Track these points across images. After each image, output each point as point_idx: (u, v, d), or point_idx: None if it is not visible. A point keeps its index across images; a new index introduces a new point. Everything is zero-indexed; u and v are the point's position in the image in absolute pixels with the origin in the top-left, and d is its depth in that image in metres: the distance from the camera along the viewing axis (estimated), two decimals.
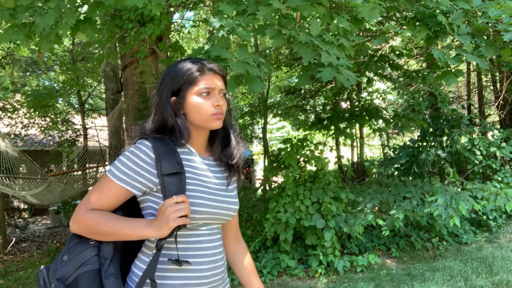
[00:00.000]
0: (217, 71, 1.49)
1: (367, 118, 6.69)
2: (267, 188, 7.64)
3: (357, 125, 9.51)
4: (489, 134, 8.00)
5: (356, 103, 7.87)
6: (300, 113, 11.57)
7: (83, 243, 1.38)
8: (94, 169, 8.24)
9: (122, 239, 1.38)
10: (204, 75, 1.46)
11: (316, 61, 3.07)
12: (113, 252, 1.38)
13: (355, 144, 11.57)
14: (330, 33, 3.12)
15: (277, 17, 3.02)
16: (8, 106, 9.20)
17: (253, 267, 1.70)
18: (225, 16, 2.78)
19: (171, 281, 1.38)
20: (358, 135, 10.95)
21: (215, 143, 1.56)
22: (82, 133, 9.12)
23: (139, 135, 1.49)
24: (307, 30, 2.94)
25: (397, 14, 4.38)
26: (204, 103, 1.44)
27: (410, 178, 7.11)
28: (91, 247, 1.37)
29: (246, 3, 2.98)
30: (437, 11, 3.36)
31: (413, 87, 8.29)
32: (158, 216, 1.32)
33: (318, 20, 2.95)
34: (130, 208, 1.47)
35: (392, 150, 8.86)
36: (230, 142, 1.57)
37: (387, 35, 3.58)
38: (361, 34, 5.81)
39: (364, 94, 8.38)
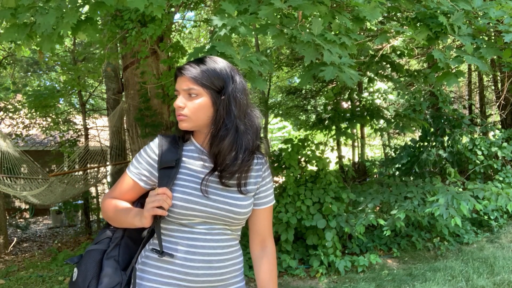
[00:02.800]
0: (183, 72, 1.48)
1: (368, 118, 6.69)
2: None
3: (358, 125, 9.50)
4: (490, 134, 7.99)
5: (357, 103, 7.87)
6: (301, 113, 11.57)
7: (106, 228, 1.59)
8: (95, 169, 8.24)
9: (123, 226, 1.52)
10: (177, 77, 1.50)
11: (318, 60, 3.07)
12: (124, 239, 1.53)
13: (356, 144, 11.56)
14: (332, 32, 3.12)
15: (278, 16, 3.02)
16: (9, 106, 9.20)
17: (273, 282, 1.60)
18: (227, 15, 2.78)
19: (153, 270, 1.45)
20: (359, 135, 10.94)
21: (208, 141, 1.52)
22: (83, 133, 9.11)
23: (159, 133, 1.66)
24: (308, 30, 2.94)
25: (398, 14, 4.37)
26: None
27: (411, 178, 7.10)
28: (108, 231, 1.57)
29: (247, 2, 2.99)
30: (438, 11, 3.35)
31: (414, 87, 8.29)
32: (144, 206, 1.40)
33: (320, 19, 2.95)
34: None
35: (393, 150, 8.86)
36: (220, 141, 1.50)
37: (388, 34, 3.57)
38: (362, 33, 5.80)
39: (365, 94, 8.38)
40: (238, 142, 1.49)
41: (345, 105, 8.25)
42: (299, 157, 6.09)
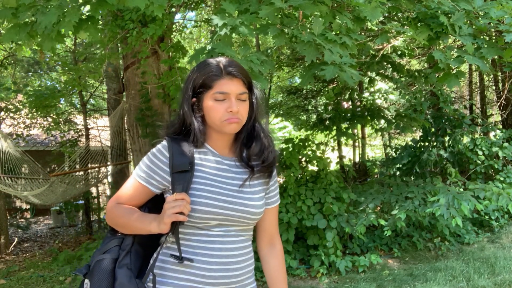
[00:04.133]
0: (236, 74, 1.46)
1: (369, 118, 6.69)
2: None
3: (359, 125, 9.49)
4: (491, 134, 7.98)
5: (358, 103, 7.87)
6: (302, 113, 11.55)
7: (113, 235, 1.53)
8: (96, 169, 8.24)
9: (135, 233, 1.47)
10: (221, 79, 1.44)
11: (318, 60, 3.07)
12: (134, 245, 1.49)
13: (356, 144, 11.55)
14: (333, 32, 3.11)
15: (279, 16, 3.02)
16: (10, 106, 9.21)
17: (282, 278, 1.64)
18: (227, 14, 2.78)
19: (171, 274, 1.44)
20: (360, 135, 10.93)
21: (236, 143, 1.55)
22: (84, 133, 9.12)
23: (163, 135, 1.55)
24: (309, 29, 2.94)
25: (398, 14, 4.37)
26: (217, 108, 1.44)
27: (412, 178, 7.10)
28: (116, 238, 1.50)
29: (248, 2, 2.98)
30: (439, 11, 3.35)
31: (415, 87, 8.28)
32: (161, 212, 1.37)
33: (320, 19, 2.95)
34: (157, 206, 1.50)
35: (394, 150, 8.86)
36: (253, 142, 1.55)
37: (389, 34, 3.57)
38: (363, 34, 5.80)
39: (366, 94, 8.37)
40: (266, 143, 1.55)
41: (345, 105, 8.25)
42: (300, 157, 6.08)
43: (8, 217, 9.99)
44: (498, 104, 8.14)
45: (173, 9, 5.86)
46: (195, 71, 1.50)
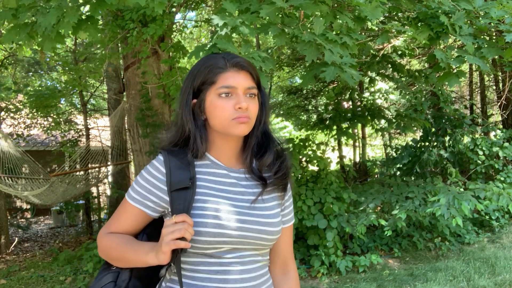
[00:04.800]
0: (243, 66, 1.25)
1: (369, 118, 6.68)
2: None
3: (359, 125, 9.50)
4: (492, 134, 7.98)
5: (358, 103, 7.86)
6: (302, 113, 11.56)
7: (107, 269, 1.31)
8: (97, 169, 8.24)
9: (131, 266, 1.26)
10: (225, 72, 1.23)
11: (319, 60, 3.07)
12: (131, 281, 1.27)
13: (357, 144, 11.56)
14: (333, 32, 3.11)
15: (280, 15, 3.02)
16: (10, 106, 9.22)
17: None
18: (228, 14, 2.78)
19: None
20: (360, 135, 10.94)
21: (245, 152, 1.32)
22: (84, 133, 9.12)
23: (159, 147, 1.33)
24: (310, 29, 2.94)
25: (399, 14, 4.37)
26: (222, 106, 1.22)
27: (412, 178, 7.10)
28: (110, 273, 1.29)
29: (249, 1, 2.98)
30: (439, 11, 3.35)
31: (415, 87, 8.28)
32: (159, 240, 1.14)
33: (321, 18, 2.95)
34: (158, 231, 1.25)
35: (394, 150, 8.86)
36: (266, 152, 1.32)
37: (389, 34, 3.57)
38: (363, 34, 5.81)
39: (366, 94, 8.37)
40: (279, 151, 1.34)
41: (346, 105, 8.25)
42: (300, 157, 6.08)
43: (9, 217, 9.99)
44: (499, 104, 8.14)
45: (173, 9, 5.86)
46: (194, 67, 1.30)
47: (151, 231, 1.31)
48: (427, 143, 7.62)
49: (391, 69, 6.12)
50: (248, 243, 1.23)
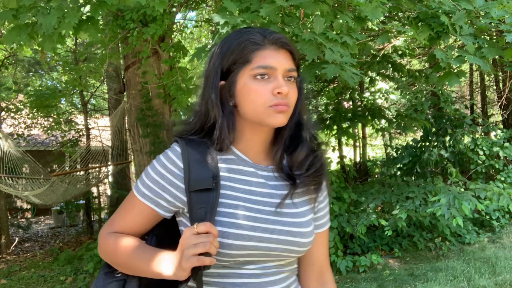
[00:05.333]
0: (284, 43, 1.04)
1: (369, 118, 6.68)
2: None
3: (360, 125, 9.49)
4: (492, 134, 7.98)
5: (359, 103, 7.86)
6: None
7: (109, 275, 1.10)
8: (97, 169, 8.25)
9: (140, 275, 1.05)
10: (263, 49, 1.02)
11: (319, 59, 3.07)
12: None
13: (357, 144, 11.55)
14: (334, 31, 3.12)
15: (280, 14, 3.02)
16: (11, 106, 9.23)
17: None
18: (228, 13, 2.78)
19: None
20: (361, 135, 10.93)
21: (277, 147, 1.11)
22: (84, 133, 9.12)
23: (176, 135, 1.11)
24: (310, 28, 2.94)
25: (399, 14, 4.37)
26: (258, 89, 1.01)
27: (413, 178, 7.10)
28: (114, 282, 1.08)
29: (249, 0, 2.98)
30: (440, 11, 3.35)
31: (415, 87, 8.28)
32: (177, 250, 0.95)
33: (321, 18, 2.95)
34: (169, 232, 1.10)
35: (394, 150, 8.85)
36: (298, 146, 1.11)
37: (390, 34, 3.57)
38: (363, 33, 5.81)
39: (367, 94, 8.37)
40: (310, 145, 1.12)
41: (346, 105, 8.25)
42: None
43: (9, 217, 10.00)
44: (499, 104, 8.14)
45: (174, 9, 5.87)
46: (223, 43, 1.07)
47: (161, 232, 1.11)
48: (427, 143, 7.62)
49: (391, 69, 6.12)
50: (274, 255, 1.04)
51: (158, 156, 1.09)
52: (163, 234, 1.11)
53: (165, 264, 0.96)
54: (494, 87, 9.93)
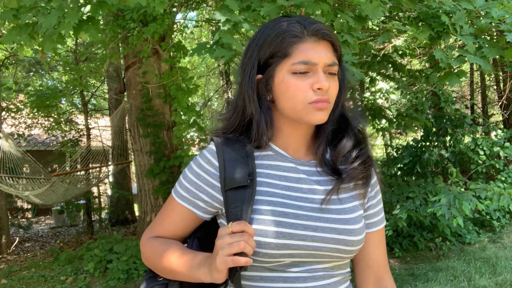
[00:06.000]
0: (325, 34, 0.97)
1: (370, 117, 6.68)
2: None
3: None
4: (493, 134, 7.97)
5: (359, 103, 7.86)
6: None
7: (152, 279, 1.10)
8: (97, 169, 8.25)
9: (180, 280, 1.03)
10: (303, 42, 0.96)
11: None
12: None
13: None
14: (335, 31, 3.11)
15: (281, 14, 3.02)
16: (11, 106, 9.23)
17: None
18: (229, 11, 2.78)
19: None
20: None
21: (319, 141, 1.06)
22: (85, 133, 9.13)
23: (213, 134, 1.08)
24: None
25: (399, 14, 4.37)
26: (298, 85, 0.96)
27: (413, 178, 7.09)
28: (157, 286, 1.07)
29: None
30: (440, 11, 3.35)
31: (416, 87, 8.28)
32: (213, 252, 0.91)
33: (322, 17, 2.95)
34: (211, 235, 1.05)
35: (395, 150, 8.85)
36: (343, 138, 1.06)
37: (390, 33, 3.57)
38: (364, 33, 5.81)
39: (367, 94, 8.37)
40: (359, 138, 1.07)
41: (347, 105, 8.23)
42: None
43: (10, 217, 10.01)
44: (499, 104, 8.14)
45: (174, 9, 5.87)
46: (260, 33, 1.01)
47: (202, 234, 1.08)
48: (428, 143, 7.62)
49: (391, 69, 6.12)
50: (320, 255, 0.97)
51: (195, 157, 1.06)
52: (205, 237, 1.08)
53: (203, 267, 0.94)
54: (495, 87, 9.94)
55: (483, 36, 3.54)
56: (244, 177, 0.97)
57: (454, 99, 9.21)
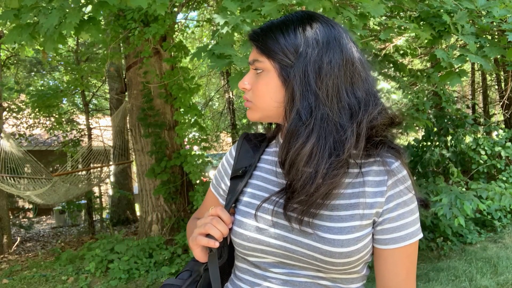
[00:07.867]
0: (251, 36, 0.98)
1: None
2: None
3: None
4: (494, 133, 7.97)
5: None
6: None
7: (189, 264, 1.17)
8: (99, 169, 8.26)
9: None
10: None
11: None
12: (206, 272, 1.04)
13: None
14: None
15: (282, 12, 3.02)
16: (13, 106, 9.24)
17: None
18: (229, 12, 2.77)
19: None
20: None
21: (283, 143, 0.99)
22: (86, 133, 9.14)
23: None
24: None
25: (401, 13, 4.37)
26: None
27: (414, 178, 7.09)
28: (192, 261, 1.13)
29: None
30: (441, 10, 3.35)
31: (417, 87, 8.28)
32: None
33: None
34: None
35: None
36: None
37: (392, 30, 3.57)
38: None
39: None
40: (320, 146, 0.88)
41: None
42: None
43: (11, 217, 10.02)
44: (501, 103, 8.13)
45: (175, 9, 5.87)
46: None
47: None
48: (429, 143, 7.61)
49: (393, 68, 6.11)
50: (297, 259, 0.91)
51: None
52: None
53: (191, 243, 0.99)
54: (496, 87, 9.93)
55: (484, 36, 3.54)
56: (242, 168, 1.04)
57: (456, 99, 9.20)
